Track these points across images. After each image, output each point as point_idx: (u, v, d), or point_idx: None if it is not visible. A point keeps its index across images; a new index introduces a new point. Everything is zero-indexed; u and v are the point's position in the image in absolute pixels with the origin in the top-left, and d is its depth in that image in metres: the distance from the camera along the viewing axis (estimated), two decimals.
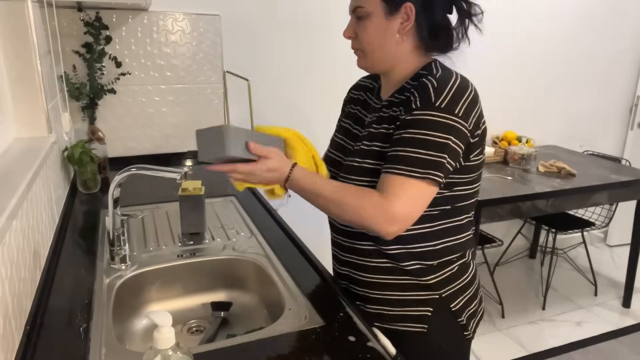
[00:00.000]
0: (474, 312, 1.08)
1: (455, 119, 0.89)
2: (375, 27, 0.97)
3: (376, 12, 0.96)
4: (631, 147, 3.36)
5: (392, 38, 0.97)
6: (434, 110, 0.89)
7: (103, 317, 0.97)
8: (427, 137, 0.89)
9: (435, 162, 0.89)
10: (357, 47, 1.02)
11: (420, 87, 0.93)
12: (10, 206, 0.83)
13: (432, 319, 1.02)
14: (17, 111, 1.30)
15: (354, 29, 1.00)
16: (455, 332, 1.06)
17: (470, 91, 0.93)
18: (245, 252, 1.28)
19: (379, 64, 1.02)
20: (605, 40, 3.10)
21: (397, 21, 0.95)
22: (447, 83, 0.91)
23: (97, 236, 1.34)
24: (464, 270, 1.05)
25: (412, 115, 0.91)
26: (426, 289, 1.02)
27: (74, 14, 1.85)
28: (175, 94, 2.11)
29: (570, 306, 2.77)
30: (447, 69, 0.98)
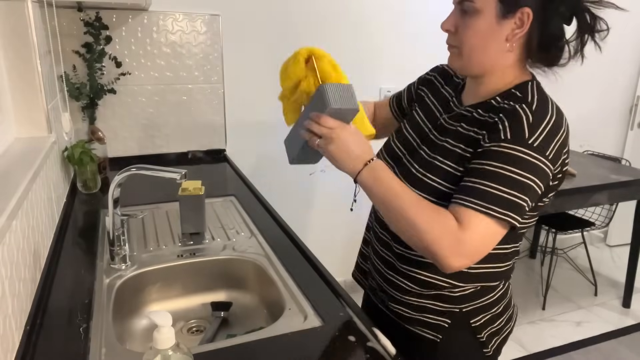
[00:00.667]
0: (497, 331, 1.02)
1: (544, 161, 0.81)
2: (481, 27, 0.86)
3: (487, 10, 0.85)
4: (631, 147, 3.36)
5: (499, 44, 0.87)
6: (526, 148, 0.80)
7: (103, 317, 0.97)
8: (513, 174, 0.80)
9: (516, 204, 0.81)
10: (453, 44, 0.92)
11: (513, 115, 0.83)
12: (10, 206, 0.83)
13: (448, 330, 0.99)
14: (17, 111, 1.30)
15: (456, 22, 0.89)
16: (473, 347, 1.01)
17: (563, 130, 0.85)
18: (245, 252, 1.28)
19: (474, 68, 0.92)
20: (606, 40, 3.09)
21: (509, 26, 0.85)
22: (543, 119, 0.83)
23: (97, 236, 1.34)
24: (492, 288, 0.99)
25: (500, 146, 0.82)
26: (448, 301, 0.98)
27: (74, 14, 1.85)
28: (175, 94, 2.11)
29: (570, 306, 2.77)
30: (543, 96, 0.89)
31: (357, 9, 2.41)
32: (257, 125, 2.33)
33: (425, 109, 1.06)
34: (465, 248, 0.80)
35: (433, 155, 0.94)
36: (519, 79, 0.92)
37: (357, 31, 2.44)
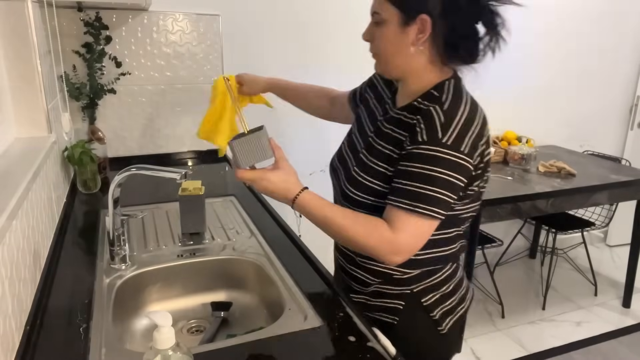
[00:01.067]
0: (450, 310, 1.08)
1: (460, 156, 0.89)
2: (389, 35, 0.95)
3: (391, 20, 0.94)
4: (631, 147, 3.36)
5: (407, 48, 0.95)
6: (441, 147, 0.89)
7: (103, 317, 0.97)
8: (432, 172, 0.89)
9: (438, 199, 0.89)
10: (373, 51, 1.02)
11: (427, 117, 0.92)
12: (10, 206, 0.83)
13: (404, 312, 1.06)
14: (17, 111, 1.30)
15: (371, 32, 1.00)
16: (427, 326, 1.08)
17: (476, 125, 0.91)
18: (245, 252, 1.28)
19: (392, 71, 1.02)
20: (605, 40, 3.10)
21: (413, 32, 0.93)
22: (454, 118, 0.90)
23: (97, 236, 1.34)
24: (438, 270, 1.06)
25: (418, 148, 0.90)
26: (400, 283, 1.05)
27: (74, 14, 1.85)
28: (175, 94, 2.11)
29: (570, 306, 2.77)
30: (457, 93, 0.95)
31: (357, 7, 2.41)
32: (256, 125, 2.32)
33: (368, 112, 1.13)
34: (400, 248, 0.91)
35: (370, 158, 1.02)
36: (437, 79, 0.98)
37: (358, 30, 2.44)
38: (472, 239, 2.19)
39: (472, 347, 2.37)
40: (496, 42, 0.95)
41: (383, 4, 0.95)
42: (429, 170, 0.89)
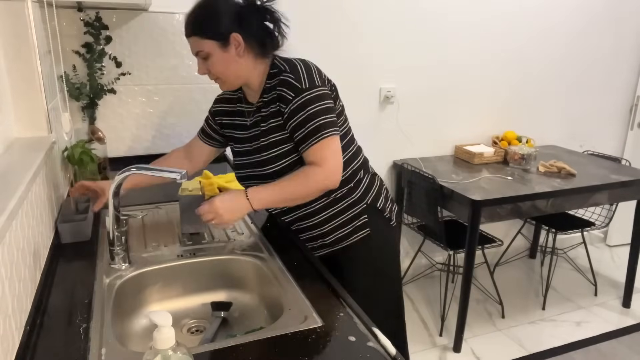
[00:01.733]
0: (391, 208, 1.45)
1: (320, 89, 1.21)
2: (218, 61, 1.21)
3: (213, 50, 1.20)
4: (631, 147, 3.36)
5: (235, 62, 1.22)
6: (305, 92, 1.19)
7: (103, 317, 0.97)
8: (314, 109, 1.19)
9: (330, 122, 1.20)
10: (214, 78, 1.26)
11: (284, 83, 1.20)
12: (10, 206, 0.83)
13: (370, 222, 1.37)
14: (17, 111, 1.31)
15: (205, 67, 1.24)
16: (385, 224, 1.42)
17: (311, 65, 1.24)
18: (245, 252, 1.28)
19: (236, 83, 1.28)
20: (605, 40, 3.10)
21: (233, 49, 1.21)
22: (298, 70, 1.21)
23: (97, 236, 1.34)
24: (373, 180, 1.41)
25: (294, 103, 1.19)
26: (357, 203, 1.36)
27: (74, 14, 1.85)
28: (175, 94, 2.11)
29: (570, 306, 2.77)
30: (287, 60, 1.26)
31: (356, 9, 2.41)
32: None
33: (235, 126, 1.39)
34: (332, 170, 1.20)
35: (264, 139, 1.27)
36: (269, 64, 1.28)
37: (357, 31, 2.44)
38: (472, 239, 2.19)
39: (472, 347, 2.37)
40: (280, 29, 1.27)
41: (199, 42, 1.20)
42: (310, 111, 1.18)
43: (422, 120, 2.73)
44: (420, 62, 2.62)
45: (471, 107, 2.86)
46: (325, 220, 1.35)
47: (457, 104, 2.81)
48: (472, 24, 2.67)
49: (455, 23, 2.60)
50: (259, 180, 1.31)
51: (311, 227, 1.37)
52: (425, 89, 2.67)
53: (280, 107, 1.22)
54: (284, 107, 1.21)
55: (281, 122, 1.23)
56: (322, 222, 1.35)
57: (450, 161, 2.76)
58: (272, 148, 1.26)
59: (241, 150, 1.37)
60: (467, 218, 2.17)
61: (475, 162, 2.68)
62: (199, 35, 1.19)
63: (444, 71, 2.70)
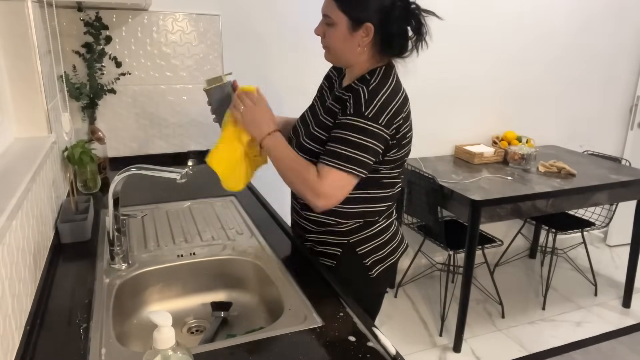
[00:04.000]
0: (381, 259, 1.30)
1: (378, 127, 1.11)
2: (339, 36, 1.16)
3: (341, 24, 1.14)
4: (631, 147, 3.36)
5: (353, 48, 1.16)
6: (363, 119, 1.11)
7: (103, 317, 0.97)
8: (354, 139, 1.10)
9: (357, 160, 1.11)
10: (324, 44, 1.21)
11: (356, 94, 1.14)
12: (10, 206, 0.83)
13: (341, 257, 1.28)
14: (17, 111, 1.30)
15: (323, 30, 1.19)
16: (359, 270, 1.29)
17: (395, 103, 1.14)
18: (245, 252, 1.28)
19: (340, 61, 1.23)
20: (605, 41, 3.10)
21: (359, 35, 1.14)
22: (377, 95, 1.12)
23: (97, 236, 1.34)
24: (372, 224, 1.28)
25: (346, 119, 1.12)
26: (338, 235, 1.27)
27: (74, 14, 1.85)
28: (175, 94, 2.11)
29: (570, 306, 2.77)
30: (386, 78, 1.17)
31: None
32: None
33: (320, 95, 1.34)
34: (320, 192, 1.11)
35: (317, 129, 1.21)
36: (373, 66, 1.19)
37: None
38: (472, 239, 2.19)
39: (472, 347, 2.37)
40: (420, 43, 1.19)
41: (334, 9, 1.14)
42: (350, 136, 1.11)
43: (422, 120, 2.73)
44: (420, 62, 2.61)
45: (471, 107, 2.86)
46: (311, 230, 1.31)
47: (457, 104, 2.81)
48: (473, 24, 2.67)
49: (455, 23, 2.60)
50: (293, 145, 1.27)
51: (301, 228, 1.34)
52: (426, 89, 2.67)
53: (339, 111, 1.17)
54: (340, 116, 1.15)
55: (330, 126, 1.18)
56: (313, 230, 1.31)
57: (450, 161, 2.76)
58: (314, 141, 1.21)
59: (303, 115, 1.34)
60: (467, 218, 2.17)
61: (475, 162, 2.68)
62: (339, 3, 1.13)
63: (445, 71, 2.70)
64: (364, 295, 1.24)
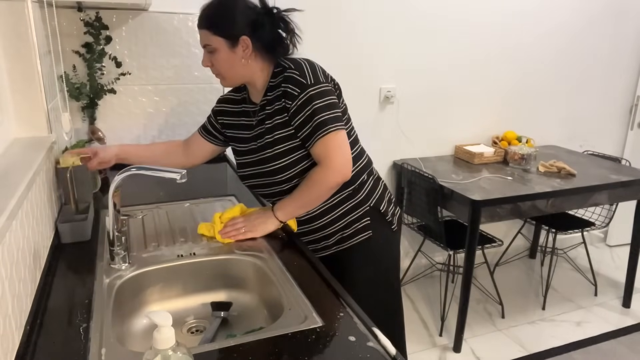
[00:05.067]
0: (394, 212, 1.44)
1: (324, 85, 1.23)
2: (224, 58, 1.25)
3: (221, 47, 1.23)
4: (631, 147, 3.36)
5: (240, 63, 1.26)
6: (310, 88, 1.21)
7: (103, 317, 0.96)
8: (318, 104, 1.21)
9: (335, 117, 1.22)
10: (215, 73, 1.29)
11: (289, 79, 1.23)
12: (10, 206, 0.83)
13: (372, 224, 1.37)
14: (17, 111, 1.30)
15: (209, 59, 1.27)
16: (387, 227, 1.42)
17: (315, 64, 1.26)
18: (245, 252, 1.28)
19: (237, 81, 1.32)
20: (605, 40, 3.10)
21: (240, 50, 1.24)
22: (303, 67, 1.24)
23: (97, 236, 1.34)
24: (377, 183, 1.42)
25: (299, 99, 1.22)
26: (360, 205, 1.36)
27: (74, 14, 1.85)
28: (175, 94, 2.11)
29: (570, 306, 2.77)
30: (291, 59, 1.28)
31: (355, 8, 2.41)
32: None
33: (237, 127, 1.40)
34: (337, 167, 1.22)
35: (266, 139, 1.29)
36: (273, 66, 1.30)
37: (357, 31, 2.44)
38: (472, 239, 2.19)
39: (472, 347, 2.37)
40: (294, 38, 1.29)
41: (210, 37, 1.23)
42: (315, 106, 1.20)
43: (422, 120, 2.73)
44: (420, 62, 2.62)
45: (471, 107, 2.86)
46: (328, 223, 1.37)
47: (457, 104, 2.81)
48: (473, 24, 2.67)
49: (455, 23, 2.60)
50: (263, 179, 1.33)
51: (314, 231, 1.39)
52: (426, 89, 2.67)
53: (285, 103, 1.24)
54: (290, 103, 1.23)
55: (286, 119, 1.25)
56: (325, 225, 1.37)
57: (450, 161, 2.76)
58: (277, 145, 1.27)
59: (245, 150, 1.38)
60: (467, 218, 2.17)
61: (475, 162, 2.68)
62: (211, 30, 1.23)
63: (444, 71, 2.70)
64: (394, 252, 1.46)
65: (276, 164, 1.28)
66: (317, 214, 1.36)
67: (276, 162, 1.28)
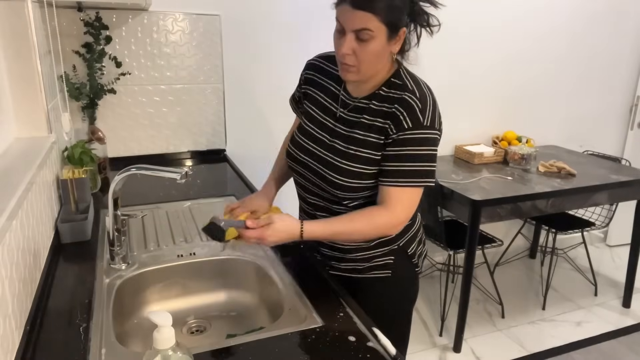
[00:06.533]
0: (421, 252, 1.32)
1: (437, 133, 1.09)
2: (377, 49, 1.05)
3: (380, 36, 1.03)
4: (631, 147, 3.36)
5: (387, 56, 1.10)
6: (424, 129, 1.06)
7: (103, 317, 0.97)
8: (421, 152, 1.07)
9: (428, 172, 1.08)
10: (352, 63, 1.07)
11: (407, 106, 1.07)
12: (10, 206, 0.83)
13: (394, 264, 1.24)
14: (17, 111, 1.30)
15: (353, 47, 1.04)
16: (411, 270, 1.29)
17: (436, 102, 1.11)
18: (245, 252, 1.28)
19: (367, 76, 1.11)
20: (605, 40, 3.10)
21: (393, 43, 1.07)
22: (427, 102, 1.08)
23: (97, 236, 1.34)
24: (414, 222, 1.27)
25: (405, 134, 1.06)
26: (388, 243, 1.22)
27: (74, 14, 1.85)
28: (175, 94, 2.11)
29: (570, 306, 2.77)
30: (415, 79, 1.14)
31: None
32: (257, 125, 2.33)
33: (318, 106, 1.22)
34: (399, 220, 1.09)
35: (347, 146, 1.13)
36: (392, 69, 1.14)
37: None
38: (472, 239, 2.19)
39: (472, 347, 2.37)
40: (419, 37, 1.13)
41: (373, 22, 1.01)
42: (417, 151, 1.06)
43: None
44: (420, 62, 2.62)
45: (471, 107, 2.86)
46: (348, 250, 1.23)
47: (457, 104, 2.81)
48: (473, 25, 2.67)
49: (455, 24, 2.60)
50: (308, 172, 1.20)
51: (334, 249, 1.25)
52: None
53: (389, 127, 1.08)
54: (393, 132, 1.07)
55: (381, 143, 1.09)
56: (346, 249, 1.23)
57: (450, 161, 2.76)
58: (351, 161, 1.11)
59: (309, 131, 1.21)
60: (467, 218, 2.17)
61: (475, 162, 2.68)
62: (377, 14, 1.00)
63: (444, 71, 2.69)
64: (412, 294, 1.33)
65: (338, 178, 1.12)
66: None
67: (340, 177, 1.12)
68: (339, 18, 1.05)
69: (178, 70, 2.08)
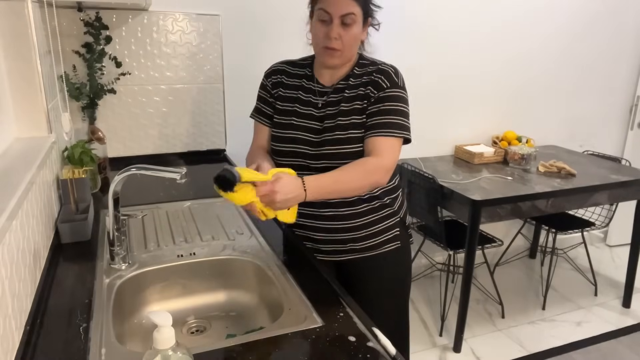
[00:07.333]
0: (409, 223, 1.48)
1: (407, 94, 1.28)
2: (357, 32, 1.24)
3: (359, 20, 1.23)
4: (631, 147, 3.36)
5: (358, 42, 1.28)
6: (399, 89, 1.26)
7: (103, 317, 0.97)
8: (399, 107, 1.24)
9: (406, 126, 1.26)
10: (338, 47, 1.23)
11: (382, 72, 1.26)
12: (10, 206, 0.83)
13: (399, 235, 1.39)
14: (17, 111, 1.30)
15: (339, 32, 1.21)
16: (408, 240, 1.45)
17: None
18: (245, 252, 1.28)
19: (346, 61, 1.29)
20: (606, 41, 3.10)
21: (364, 31, 1.28)
22: (396, 69, 1.28)
23: (97, 236, 1.34)
24: (404, 196, 1.44)
25: (385, 92, 1.24)
26: (393, 215, 1.38)
27: (74, 14, 1.85)
28: (175, 94, 2.11)
29: (570, 306, 2.77)
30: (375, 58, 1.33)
31: None
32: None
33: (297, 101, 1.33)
34: (387, 167, 1.21)
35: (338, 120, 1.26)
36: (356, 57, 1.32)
37: None
38: (472, 239, 2.19)
39: (472, 347, 2.37)
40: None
41: (355, 6, 1.20)
42: (395, 106, 1.24)
43: (422, 120, 2.73)
44: (420, 62, 2.62)
45: (471, 107, 2.86)
46: (364, 225, 1.34)
47: (457, 104, 2.81)
48: (473, 25, 2.67)
49: (455, 23, 2.60)
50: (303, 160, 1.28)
51: (347, 230, 1.34)
52: (425, 89, 2.67)
53: (370, 91, 1.25)
54: (375, 93, 1.24)
55: (364, 106, 1.25)
56: (360, 226, 1.34)
57: (450, 161, 2.76)
58: (349, 129, 1.25)
59: (298, 124, 1.30)
60: (467, 218, 2.17)
61: (475, 162, 2.68)
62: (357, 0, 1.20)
63: (444, 71, 2.70)
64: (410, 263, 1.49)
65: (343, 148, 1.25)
66: (355, 212, 1.32)
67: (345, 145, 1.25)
68: (326, 8, 1.20)
69: (178, 70, 2.08)
